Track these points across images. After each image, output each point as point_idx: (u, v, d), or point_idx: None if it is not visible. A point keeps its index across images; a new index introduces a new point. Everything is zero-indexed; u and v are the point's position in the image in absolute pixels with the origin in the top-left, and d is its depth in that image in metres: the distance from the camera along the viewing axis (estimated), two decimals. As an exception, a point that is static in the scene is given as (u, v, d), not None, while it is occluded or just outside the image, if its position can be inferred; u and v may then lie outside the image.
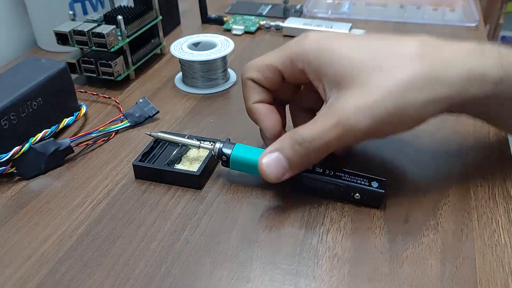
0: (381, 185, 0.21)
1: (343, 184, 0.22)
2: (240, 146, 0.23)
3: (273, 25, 0.43)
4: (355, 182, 0.22)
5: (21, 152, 0.25)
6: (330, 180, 0.22)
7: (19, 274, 0.20)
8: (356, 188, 0.22)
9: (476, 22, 0.42)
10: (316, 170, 0.22)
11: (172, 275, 0.19)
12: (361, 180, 0.22)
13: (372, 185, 0.21)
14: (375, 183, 0.22)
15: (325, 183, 0.22)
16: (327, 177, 0.22)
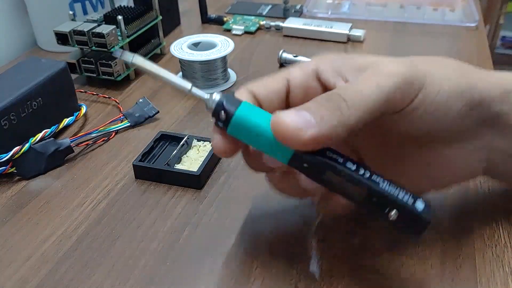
0: (427, 209, 0.16)
1: (378, 192, 0.16)
2: (248, 106, 0.16)
3: (273, 25, 0.43)
4: (395, 195, 0.16)
5: (21, 152, 0.25)
6: (363, 182, 0.16)
7: (19, 274, 0.20)
8: (395, 202, 0.16)
9: (476, 22, 0.42)
10: (347, 165, 0.16)
11: (172, 275, 0.19)
12: (403, 193, 0.16)
13: (417, 206, 0.16)
14: (421, 203, 0.16)
15: (354, 183, 0.16)
16: (360, 176, 0.16)
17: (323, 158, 0.16)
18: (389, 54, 0.40)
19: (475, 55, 0.38)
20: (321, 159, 0.16)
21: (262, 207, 0.23)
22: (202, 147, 0.26)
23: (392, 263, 0.19)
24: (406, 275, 0.19)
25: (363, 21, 0.44)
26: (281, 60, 0.36)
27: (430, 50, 0.39)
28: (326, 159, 0.16)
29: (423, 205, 0.16)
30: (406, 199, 0.16)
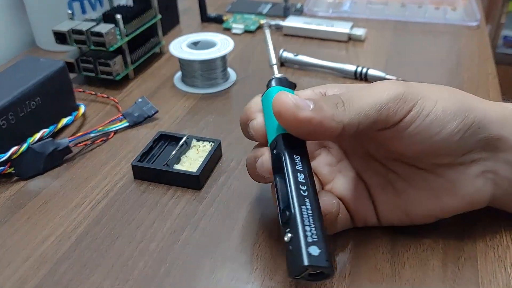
0: (317, 258, 0.14)
1: (292, 210, 0.15)
2: (281, 89, 0.19)
3: (274, 24, 0.42)
4: (301, 224, 0.15)
5: (20, 152, 0.25)
6: (289, 194, 0.16)
7: (18, 275, 0.19)
8: (296, 229, 0.15)
9: (477, 21, 0.42)
10: (298, 175, 0.16)
11: (172, 276, 0.19)
12: (313, 230, 0.15)
13: (310, 249, 0.14)
14: (316, 249, 0.14)
15: (284, 192, 0.16)
16: (293, 189, 0.16)
17: (287, 155, 0.17)
18: (390, 53, 0.40)
19: (477, 55, 0.37)
20: (284, 154, 0.17)
21: (262, 207, 0.22)
22: (201, 147, 0.26)
23: (393, 265, 0.19)
24: (407, 276, 0.19)
25: (364, 20, 0.44)
26: (282, 59, 0.36)
27: (431, 49, 0.39)
28: (287, 158, 0.17)
29: (317, 252, 0.14)
30: (307, 234, 0.15)
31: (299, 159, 0.17)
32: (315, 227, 0.15)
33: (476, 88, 0.32)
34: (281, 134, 0.18)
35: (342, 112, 0.17)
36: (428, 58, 0.37)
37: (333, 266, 0.15)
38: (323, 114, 0.16)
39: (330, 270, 0.15)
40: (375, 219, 0.20)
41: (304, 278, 0.15)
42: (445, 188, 0.19)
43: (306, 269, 0.14)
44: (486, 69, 0.35)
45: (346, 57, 0.38)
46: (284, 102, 0.16)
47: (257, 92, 0.32)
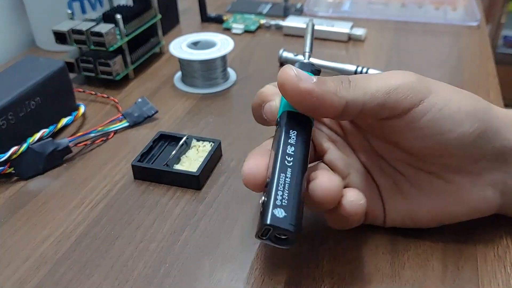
0: (282, 220, 0.15)
1: (273, 175, 0.16)
2: (302, 66, 0.19)
3: (273, 24, 0.42)
4: (277, 187, 0.15)
5: (19, 152, 0.25)
6: (275, 162, 0.16)
7: (17, 275, 0.19)
8: (270, 192, 0.15)
9: (477, 21, 0.42)
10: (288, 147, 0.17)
11: (172, 277, 0.19)
12: (285, 194, 0.15)
13: (276, 211, 0.15)
14: (281, 212, 0.15)
15: (273, 161, 0.16)
16: (279, 158, 0.16)
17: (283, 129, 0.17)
18: (390, 53, 0.40)
19: (477, 55, 0.37)
20: (281, 127, 0.18)
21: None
22: (201, 147, 0.26)
23: (393, 265, 0.19)
24: (407, 276, 0.19)
25: (364, 20, 0.44)
26: (282, 59, 0.36)
27: (431, 49, 0.39)
28: (283, 131, 0.17)
29: (282, 214, 0.15)
30: (278, 197, 0.15)
31: (294, 134, 0.17)
32: (288, 193, 0.16)
33: (476, 88, 0.32)
34: (287, 111, 0.18)
35: (346, 89, 0.16)
36: (428, 58, 0.37)
37: (297, 231, 0.15)
38: (325, 88, 0.16)
39: (293, 234, 0.15)
40: (382, 219, 0.20)
41: (269, 240, 0.16)
42: (453, 194, 0.18)
43: (268, 229, 0.15)
44: (486, 69, 0.35)
45: (346, 57, 0.38)
46: (287, 73, 0.16)
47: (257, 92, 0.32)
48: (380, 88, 0.16)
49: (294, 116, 0.18)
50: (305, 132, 0.18)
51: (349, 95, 0.16)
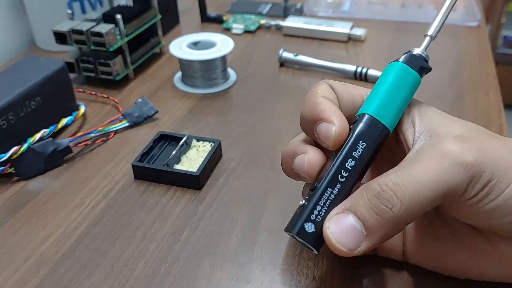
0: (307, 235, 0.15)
1: (317, 188, 0.16)
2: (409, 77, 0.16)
3: (273, 24, 0.42)
4: (316, 200, 0.15)
5: (20, 152, 0.25)
6: (327, 175, 0.15)
7: (17, 275, 0.19)
8: (308, 200, 0.16)
9: (477, 21, 0.42)
10: (348, 161, 0.16)
11: (172, 276, 0.19)
12: (321, 207, 0.15)
13: (306, 226, 0.15)
14: (311, 227, 0.15)
15: (326, 172, 0.16)
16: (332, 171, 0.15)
17: (353, 137, 0.16)
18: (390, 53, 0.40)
19: (477, 55, 0.37)
20: (353, 134, 0.16)
21: (262, 207, 0.22)
22: (201, 147, 0.26)
23: (393, 265, 0.19)
24: (408, 276, 0.19)
25: (364, 20, 0.44)
26: (282, 59, 0.36)
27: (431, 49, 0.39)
28: (352, 139, 0.16)
29: (311, 230, 0.15)
30: (315, 211, 0.15)
31: (362, 147, 0.15)
32: (325, 211, 0.15)
33: (476, 88, 0.32)
34: (368, 116, 0.16)
35: (399, 217, 0.14)
36: (428, 58, 0.37)
37: (319, 248, 0.16)
38: (380, 234, 0.14)
39: (315, 250, 0.16)
40: (401, 255, 0.18)
41: (294, 237, 0.16)
42: (493, 257, 0.16)
43: (293, 236, 0.16)
44: (486, 69, 0.35)
45: (346, 57, 0.38)
46: (335, 249, 0.15)
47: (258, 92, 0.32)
48: (436, 193, 0.14)
49: (373, 125, 0.16)
50: (375, 144, 0.16)
51: (402, 223, 0.14)
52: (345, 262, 0.19)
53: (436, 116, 0.16)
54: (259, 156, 0.26)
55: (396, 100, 0.16)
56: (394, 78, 0.16)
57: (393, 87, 0.16)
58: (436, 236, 0.17)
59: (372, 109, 0.16)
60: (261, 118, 0.30)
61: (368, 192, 0.15)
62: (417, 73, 0.16)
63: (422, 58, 0.17)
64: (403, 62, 0.17)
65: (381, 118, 0.16)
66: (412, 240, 0.18)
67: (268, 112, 0.30)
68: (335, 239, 0.15)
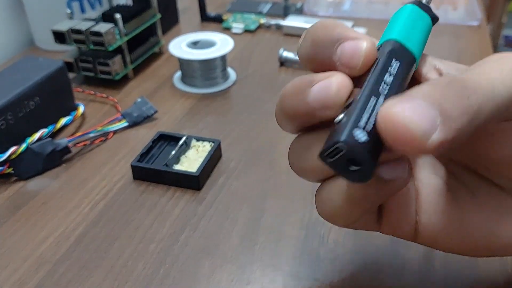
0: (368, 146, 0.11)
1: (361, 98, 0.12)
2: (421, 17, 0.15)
3: (274, 23, 0.42)
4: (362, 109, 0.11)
5: (19, 152, 0.24)
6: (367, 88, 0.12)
7: (16, 276, 0.19)
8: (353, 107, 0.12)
9: (478, 21, 0.42)
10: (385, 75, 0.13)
11: (171, 277, 0.19)
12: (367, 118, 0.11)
13: (356, 132, 0.11)
14: (362, 134, 0.11)
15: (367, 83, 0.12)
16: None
17: (385, 56, 0.13)
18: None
19: (478, 54, 0.37)
20: (384, 55, 0.13)
21: (262, 208, 0.22)
22: (201, 147, 0.26)
23: (393, 266, 0.19)
24: (409, 276, 0.19)
25: (365, 20, 0.44)
26: (282, 59, 0.36)
27: (431, 49, 0.38)
28: (384, 58, 0.13)
29: (363, 138, 0.11)
30: (363, 119, 0.11)
31: (397, 65, 0.13)
32: (375, 122, 0.11)
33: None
34: (394, 41, 0.13)
35: (476, 108, 0.11)
36: (428, 57, 0.37)
37: (373, 166, 0.11)
38: (458, 122, 0.10)
39: (368, 167, 0.11)
40: (412, 231, 0.15)
41: (333, 165, 0.11)
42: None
43: (339, 151, 0.11)
44: (487, 69, 0.35)
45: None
46: (401, 132, 0.10)
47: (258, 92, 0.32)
48: (508, 89, 0.11)
49: (401, 48, 0.13)
50: (406, 70, 0.13)
51: (480, 117, 0.11)
52: (345, 262, 0.19)
53: (457, 63, 0.14)
54: (259, 156, 0.26)
55: (417, 34, 0.14)
56: (411, 14, 0.14)
57: (412, 20, 0.14)
58: (457, 201, 0.14)
59: (396, 35, 0.14)
60: (261, 118, 0.30)
61: (435, 82, 0.11)
62: (431, 20, 0.15)
63: (429, 7, 0.15)
64: (415, 5, 0.15)
65: (408, 45, 0.13)
66: (429, 208, 0.14)
67: (268, 112, 0.30)
68: (406, 116, 0.10)
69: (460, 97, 0.11)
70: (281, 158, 0.26)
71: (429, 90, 0.11)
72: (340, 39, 0.13)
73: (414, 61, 0.14)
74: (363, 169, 0.11)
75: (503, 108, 0.12)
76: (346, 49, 0.13)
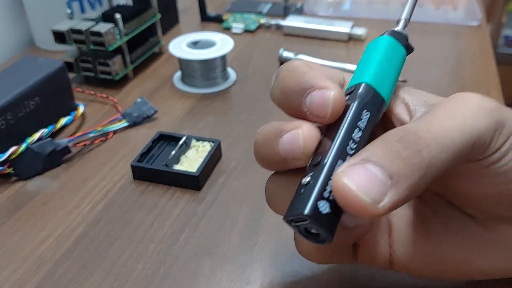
0: (329, 218, 0.12)
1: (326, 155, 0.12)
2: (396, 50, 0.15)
3: (274, 23, 0.42)
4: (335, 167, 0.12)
5: (19, 152, 0.24)
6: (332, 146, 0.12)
7: (16, 276, 0.19)
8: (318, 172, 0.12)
9: (478, 21, 0.42)
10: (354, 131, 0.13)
11: (171, 277, 0.19)
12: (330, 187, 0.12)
13: (320, 204, 0.12)
14: (325, 205, 0.12)
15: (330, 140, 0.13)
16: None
17: (355, 104, 0.13)
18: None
19: (478, 54, 0.37)
20: (355, 102, 0.13)
21: (262, 208, 0.22)
22: (201, 147, 0.26)
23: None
24: (408, 277, 0.19)
25: (365, 20, 0.44)
26: (282, 59, 0.36)
27: (432, 49, 0.39)
28: (354, 108, 0.13)
29: (326, 210, 0.12)
30: (327, 188, 0.12)
31: (367, 117, 0.13)
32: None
33: (477, 88, 0.32)
34: (366, 84, 0.13)
35: (427, 164, 0.11)
36: (429, 58, 0.37)
37: (332, 236, 0.12)
38: (408, 183, 0.11)
39: (328, 239, 0.12)
40: (387, 261, 0.15)
41: (296, 228, 0.12)
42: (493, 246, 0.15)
43: (303, 220, 0.12)
44: (487, 69, 0.35)
45: (347, 57, 0.37)
46: (353, 201, 0.11)
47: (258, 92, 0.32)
48: (465, 139, 0.12)
49: (372, 94, 0.13)
50: (376, 117, 0.13)
51: (432, 172, 0.11)
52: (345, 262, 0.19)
53: (427, 93, 0.15)
54: (259, 156, 0.26)
55: (389, 73, 0.14)
56: (386, 49, 0.15)
57: (385, 58, 0.15)
58: (428, 231, 0.15)
59: (369, 78, 0.14)
60: (261, 118, 0.30)
61: (388, 139, 0.12)
62: (404, 49, 0.15)
63: (405, 36, 0.16)
64: (391, 36, 0.16)
65: (379, 89, 0.14)
66: (401, 239, 0.15)
67: (268, 112, 0.30)
68: (356, 186, 0.11)
69: (411, 153, 0.11)
70: (281, 158, 0.26)
71: (381, 151, 0.11)
72: (308, 88, 0.13)
73: (384, 105, 0.14)
74: (324, 235, 0.12)
75: (461, 154, 0.12)
76: (314, 99, 0.13)
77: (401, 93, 0.15)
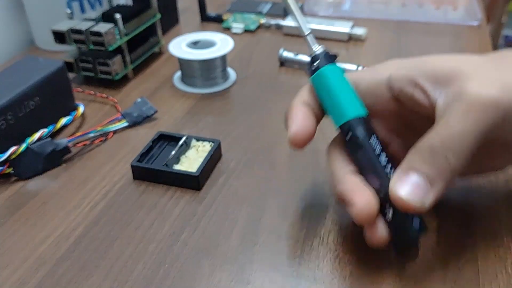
0: (417, 231, 0.17)
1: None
2: (335, 69, 0.19)
3: (274, 23, 0.42)
4: None
5: (18, 152, 0.24)
6: (382, 175, 0.17)
7: (16, 276, 0.19)
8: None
9: (478, 21, 0.42)
10: (380, 157, 0.18)
11: (171, 278, 0.19)
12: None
13: (414, 222, 0.17)
14: (417, 222, 0.17)
15: (377, 173, 0.17)
16: (382, 169, 0.17)
17: (364, 140, 0.18)
18: (391, 53, 0.40)
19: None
20: (363, 140, 0.18)
21: (262, 208, 0.22)
22: (201, 147, 0.26)
23: (393, 265, 0.19)
24: (408, 277, 0.19)
25: (365, 20, 0.44)
26: (282, 59, 0.36)
27: (432, 49, 0.39)
28: (367, 142, 0.18)
29: (418, 225, 0.17)
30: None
31: (375, 140, 0.18)
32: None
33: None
34: (360, 119, 0.18)
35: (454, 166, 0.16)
36: (428, 57, 0.37)
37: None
38: (442, 184, 0.16)
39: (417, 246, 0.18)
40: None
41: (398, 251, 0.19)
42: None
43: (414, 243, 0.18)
44: (487, 69, 0.35)
45: (347, 57, 0.37)
46: (407, 206, 0.16)
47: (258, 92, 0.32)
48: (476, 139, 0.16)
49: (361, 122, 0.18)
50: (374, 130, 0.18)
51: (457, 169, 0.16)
52: (345, 262, 0.19)
53: (431, 62, 0.18)
54: (259, 156, 0.26)
55: (350, 92, 0.18)
56: (332, 79, 0.19)
57: (340, 86, 0.18)
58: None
59: (350, 114, 0.18)
60: (261, 118, 0.30)
61: (421, 153, 0.16)
62: (334, 62, 0.19)
63: (326, 52, 0.19)
64: (325, 65, 0.19)
65: (358, 112, 0.18)
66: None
67: (268, 112, 0.30)
68: (405, 196, 0.16)
69: (441, 163, 0.16)
70: (281, 158, 0.26)
71: (418, 163, 0.16)
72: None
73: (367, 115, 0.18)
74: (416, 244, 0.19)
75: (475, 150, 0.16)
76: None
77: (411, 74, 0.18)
